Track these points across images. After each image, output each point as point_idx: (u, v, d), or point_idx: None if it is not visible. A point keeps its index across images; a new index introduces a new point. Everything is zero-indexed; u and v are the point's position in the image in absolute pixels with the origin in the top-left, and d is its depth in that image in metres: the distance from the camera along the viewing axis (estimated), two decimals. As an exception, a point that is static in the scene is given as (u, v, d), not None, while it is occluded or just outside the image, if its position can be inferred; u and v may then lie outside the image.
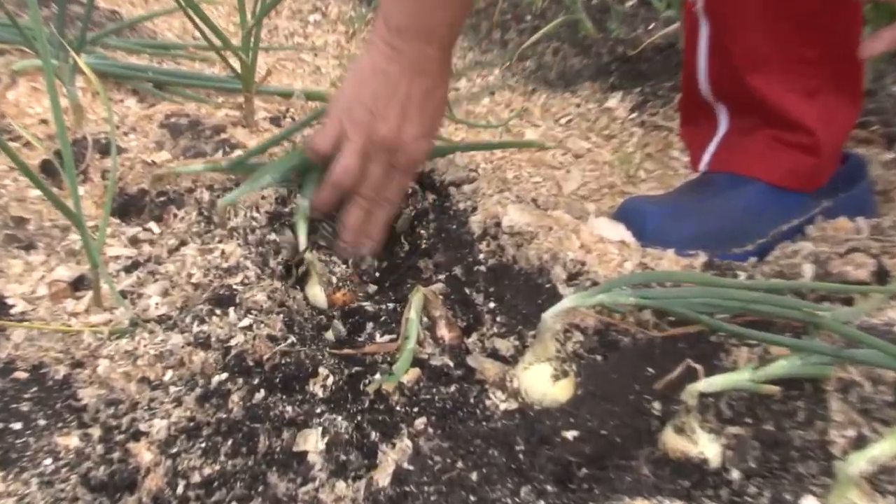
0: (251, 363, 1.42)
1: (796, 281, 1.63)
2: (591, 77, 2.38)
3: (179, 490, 1.26)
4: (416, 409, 1.40)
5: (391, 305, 1.61)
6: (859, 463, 1.23)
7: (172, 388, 1.37)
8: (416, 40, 1.60)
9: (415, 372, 1.46)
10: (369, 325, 1.60)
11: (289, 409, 1.37)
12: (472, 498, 1.26)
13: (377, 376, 1.44)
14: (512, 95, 2.31)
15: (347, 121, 1.61)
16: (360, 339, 1.58)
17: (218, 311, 1.50)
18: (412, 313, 1.53)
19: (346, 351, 1.50)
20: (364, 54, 1.67)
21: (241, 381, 1.39)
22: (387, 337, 1.56)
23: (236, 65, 1.88)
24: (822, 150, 1.78)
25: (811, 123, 1.76)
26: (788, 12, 1.69)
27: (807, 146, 1.77)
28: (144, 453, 1.31)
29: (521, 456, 1.35)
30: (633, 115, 2.26)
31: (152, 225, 1.71)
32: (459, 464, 1.32)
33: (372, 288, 1.67)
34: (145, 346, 1.42)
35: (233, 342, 1.44)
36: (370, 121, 1.59)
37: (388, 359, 1.50)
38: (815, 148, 1.77)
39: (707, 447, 1.34)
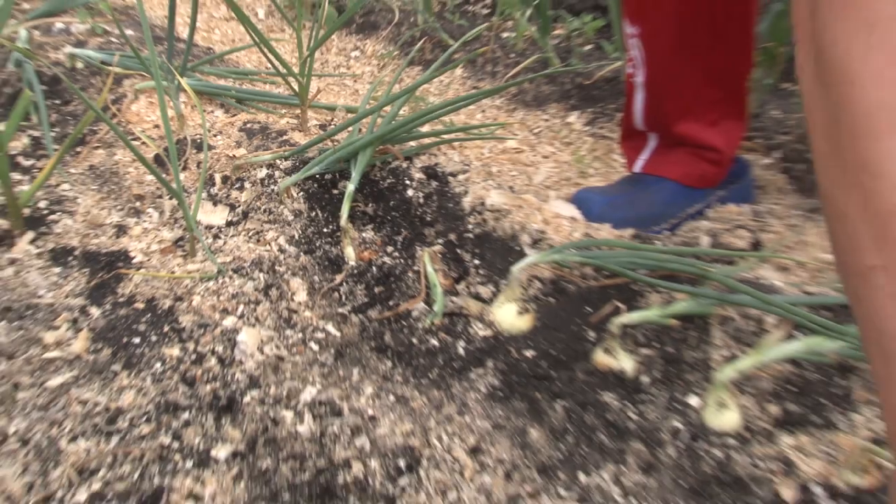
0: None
1: (696, 248, 1.71)
2: (557, 100, 2.36)
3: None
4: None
5: (404, 261, 1.64)
6: (729, 372, 1.36)
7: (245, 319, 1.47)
8: None
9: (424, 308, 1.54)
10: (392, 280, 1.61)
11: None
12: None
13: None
14: (498, 112, 2.30)
15: None
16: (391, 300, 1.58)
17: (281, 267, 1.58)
18: (429, 268, 1.59)
19: (386, 314, 1.53)
20: None
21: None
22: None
23: (296, 87, 1.89)
24: (724, 162, 1.84)
25: (718, 144, 1.81)
26: (705, 75, 1.74)
27: (714, 160, 1.83)
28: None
29: (492, 365, 1.46)
30: (587, 127, 2.26)
31: (238, 198, 1.73)
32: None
33: (389, 249, 1.68)
34: (226, 287, 1.51)
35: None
36: None
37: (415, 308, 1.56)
38: (720, 161, 1.83)
39: (626, 362, 1.45)
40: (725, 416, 1.36)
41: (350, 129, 1.81)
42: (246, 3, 2.75)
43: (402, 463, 1.25)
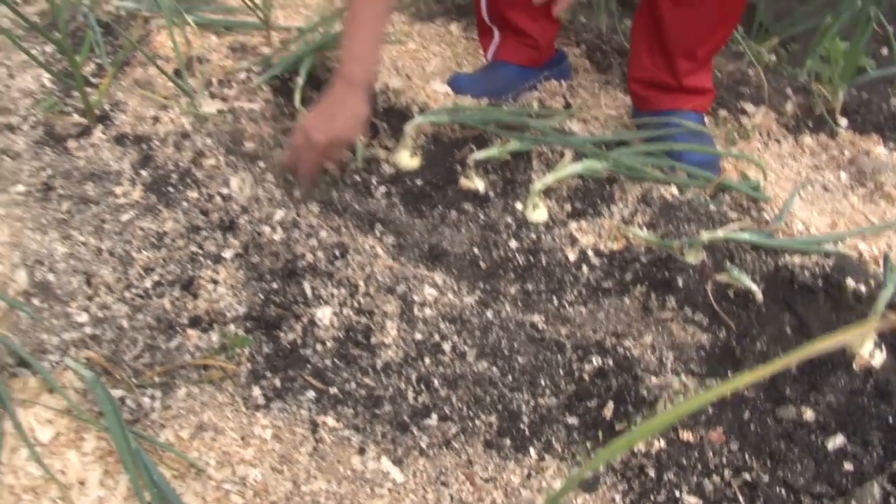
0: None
1: (529, 108, 1.89)
2: (443, 15, 2.39)
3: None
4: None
5: None
6: (539, 185, 1.62)
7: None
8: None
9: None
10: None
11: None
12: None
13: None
14: (403, 26, 2.31)
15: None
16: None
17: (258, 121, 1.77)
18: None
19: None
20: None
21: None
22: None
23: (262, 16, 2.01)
24: (540, 48, 1.97)
25: (534, 34, 1.94)
26: None
27: (533, 45, 1.96)
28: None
29: (395, 188, 1.69)
30: (463, 33, 2.31)
31: (228, 94, 1.84)
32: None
33: None
34: (222, 154, 1.70)
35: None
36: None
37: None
38: (537, 46, 1.96)
39: (479, 184, 1.67)
40: (538, 213, 1.62)
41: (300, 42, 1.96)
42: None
43: (337, 252, 1.50)
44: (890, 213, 1.79)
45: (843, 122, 2.03)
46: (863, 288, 1.47)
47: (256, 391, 1.31)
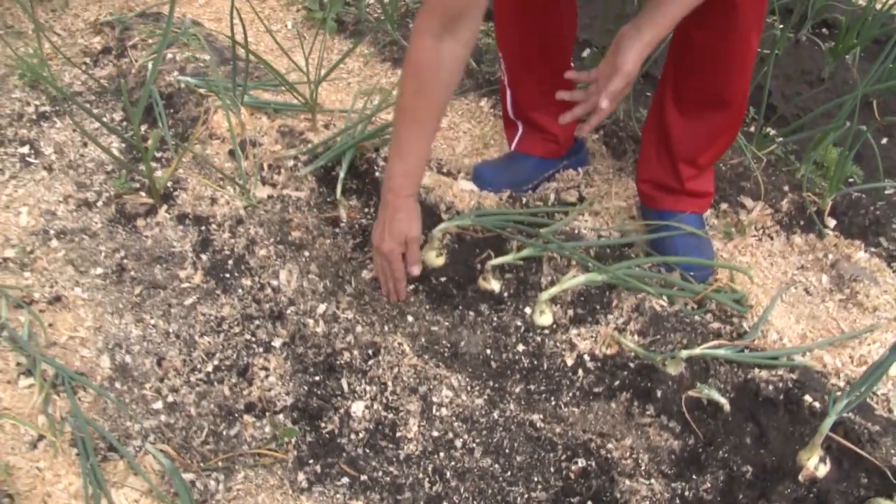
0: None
1: (544, 206, 2.15)
2: (474, 90, 2.58)
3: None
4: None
5: (373, 220, 1.99)
6: (545, 295, 1.90)
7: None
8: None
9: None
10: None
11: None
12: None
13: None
14: None
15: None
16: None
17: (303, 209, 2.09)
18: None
19: (363, 258, 2.02)
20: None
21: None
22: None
23: (308, 97, 2.24)
24: (560, 142, 2.20)
25: (556, 131, 2.17)
26: (543, 83, 2.02)
27: (554, 140, 2.19)
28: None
29: (422, 286, 1.96)
30: (492, 110, 2.51)
31: (277, 180, 2.13)
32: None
33: (365, 210, 2.09)
34: (271, 243, 2.02)
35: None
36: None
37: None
38: (558, 141, 2.19)
39: (495, 285, 1.95)
40: (543, 318, 1.91)
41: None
42: (279, 17, 2.95)
43: (370, 352, 1.83)
44: (860, 321, 2.07)
45: (832, 222, 2.29)
46: (817, 405, 1.78)
47: (301, 476, 1.66)
